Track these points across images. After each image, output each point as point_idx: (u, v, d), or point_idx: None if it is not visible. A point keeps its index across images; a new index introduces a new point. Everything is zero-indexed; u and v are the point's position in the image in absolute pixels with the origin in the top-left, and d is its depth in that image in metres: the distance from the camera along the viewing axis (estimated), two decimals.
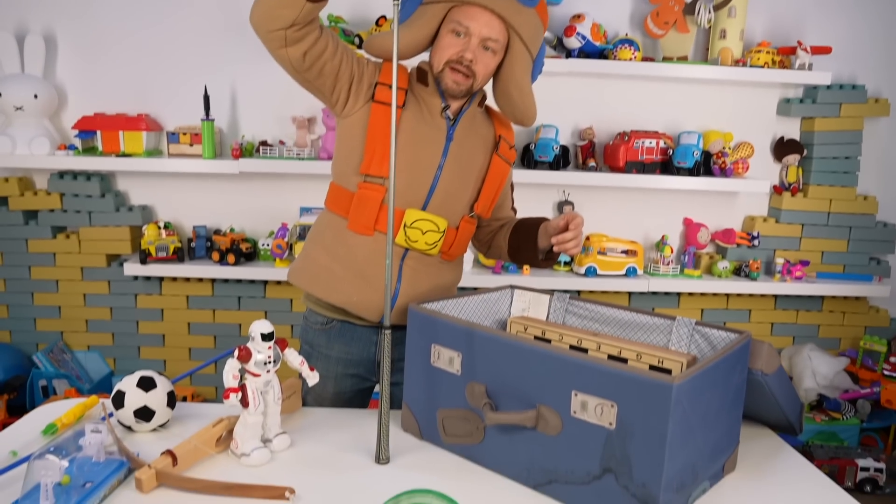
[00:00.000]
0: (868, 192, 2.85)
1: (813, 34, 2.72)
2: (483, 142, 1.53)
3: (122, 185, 2.69)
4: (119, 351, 2.73)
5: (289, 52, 1.31)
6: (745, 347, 1.20)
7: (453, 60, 1.39)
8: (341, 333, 1.53)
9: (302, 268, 1.52)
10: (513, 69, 1.44)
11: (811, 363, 2.70)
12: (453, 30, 1.38)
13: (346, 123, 1.45)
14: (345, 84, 1.40)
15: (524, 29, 1.41)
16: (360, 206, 1.43)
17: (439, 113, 1.45)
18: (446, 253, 1.51)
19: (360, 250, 1.44)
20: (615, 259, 2.62)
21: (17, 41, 2.48)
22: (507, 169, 1.58)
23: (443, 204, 1.47)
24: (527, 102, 1.49)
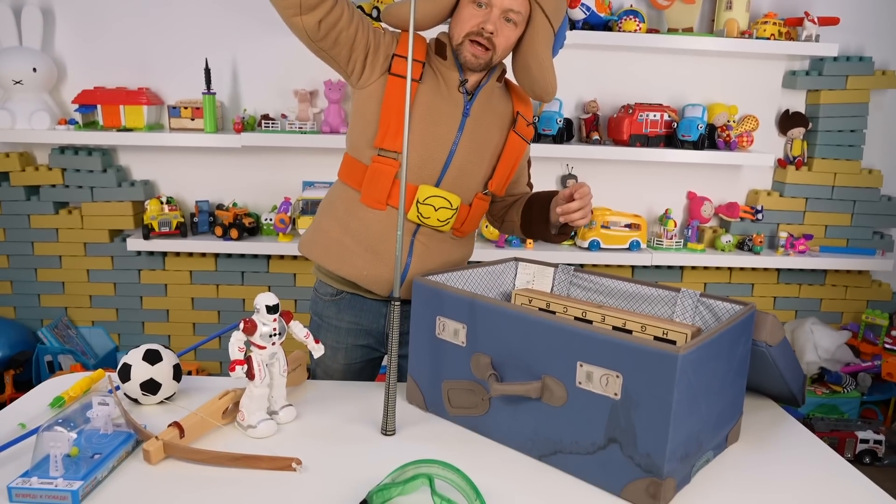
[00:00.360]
0: (873, 165, 2.83)
1: (820, 5, 2.68)
2: (500, 118, 1.50)
3: (124, 159, 2.68)
4: (123, 326, 2.74)
5: (304, 21, 1.29)
6: (749, 319, 1.20)
7: (473, 32, 1.35)
8: (351, 305, 1.53)
9: (313, 240, 1.51)
10: (534, 42, 1.40)
11: (813, 337, 2.71)
12: (474, 0, 1.35)
13: (361, 95, 1.43)
14: (360, 54, 1.38)
15: (547, 0, 1.37)
16: (373, 179, 1.41)
17: (457, 87, 1.42)
18: (458, 230, 1.50)
19: (373, 224, 1.43)
20: (619, 233, 2.62)
21: (13, 13, 2.46)
22: (524, 146, 1.55)
23: (456, 181, 1.44)
24: (547, 77, 1.44)
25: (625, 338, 1.02)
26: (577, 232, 2.67)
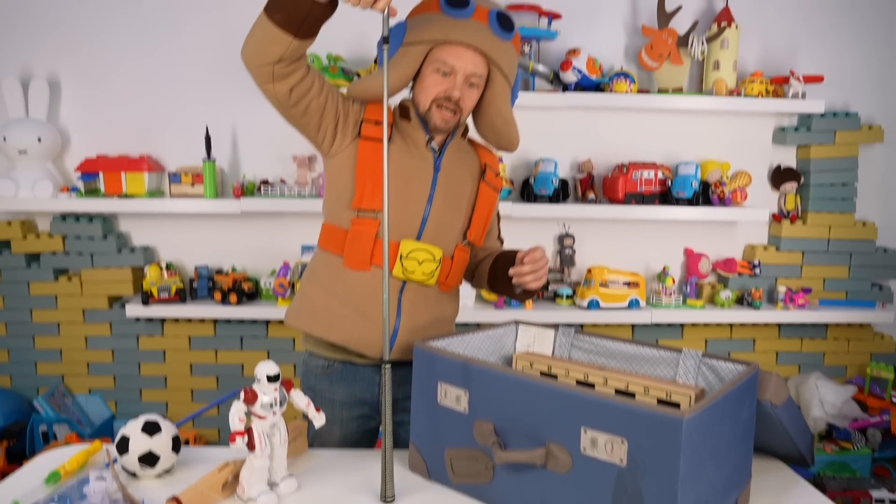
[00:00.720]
0: (867, 217, 2.86)
1: (804, 63, 2.76)
2: (470, 170, 1.57)
3: (125, 226, 2.70)
4: (120, 394, 2.70)
5: (276, 88, 1.34)
6: (753, 379, 1.19)
7: (440, 98, 1.42)
8: (343, 376, 1.53)
9: (299, 309, 1.53)
10: (495, 100, 1.48)
11: (818, 392, 2.68)
12: (437, 69, 1.41)
13: (334, 162, 1.48)
14: (330, 122, 1.43)
15: (503, 61, 1.44)
16: (354, 241, 1.44)
17: (424, 146, 1.49)
18: (444, 283, 1.53)
19: (359, 286, 1.45)
20: (617, 291, 2.62)
21: (22, 86, 2.52)
22: (495, 196, 1.61)
23: (436, 233, 1.49)
24: (510, 130, 1.53)
25: (628, 402, 1.01)
26: (575, 291, 2.67)
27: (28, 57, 2.59)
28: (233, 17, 2.57)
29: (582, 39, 2.63)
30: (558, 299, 2.68)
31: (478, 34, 1.39)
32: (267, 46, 1.28)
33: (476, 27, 1.39)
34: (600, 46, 2.67)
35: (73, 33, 2.58)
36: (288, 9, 1.24)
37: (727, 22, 2.58)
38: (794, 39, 2.77)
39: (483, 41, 1.40)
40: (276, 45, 1.27)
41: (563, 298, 2.67)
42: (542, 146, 2.71)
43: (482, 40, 1.40)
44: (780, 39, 2.76)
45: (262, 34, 1.28)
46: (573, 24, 2.64)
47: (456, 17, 1.38)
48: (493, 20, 1.40)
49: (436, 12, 1.40)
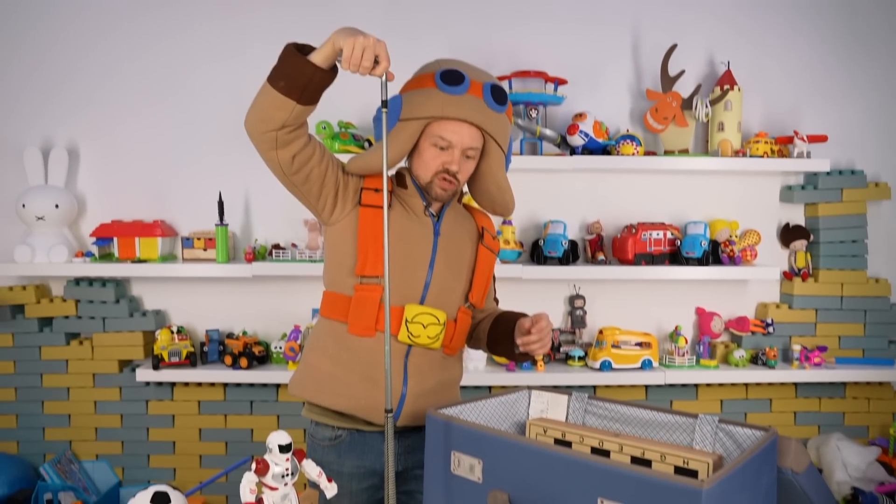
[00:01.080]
0: (879, 274, 2.84)
1: (808, 123, 2.80)
2: (468, 234, 1.61)
3: (137, 290, 2.72)
4: (128, 460, 2.67)
5: (279, 155, 1.38)
6: (772, 445, 1.17)
7: (440, 171, 1.47)
8: (351, 446, 1.51)
9: (304, 378, 1.53)
10: (491, 169, 1.53)
11: (840, 454, 2.61)
12: (435, 144, 1.45)
13: (335, 230, 1.51)
14: (331, 190, 1.47)
15: (498, 132, 1.49)
16: (358, 308, 1.46)
17: (423, 212, 1.52)
18: (448, 346, 1.53)
19: (364, 352, 1.45)
20: (630, 352, 2.60)
21: (42, 154, 2.59)
22: (493, 258, 1.64)
23: (439, 297, 1.50)
24: (506, 197, 1.57)
25: (645, 472, 0.99)
26: (587, 353, 2.65)
27: (50, 127, 2.67)
28: (245, 87, 2.59)
29: (588, 104, 2.69)
30: (570, 361, 2.65)
31: (474, 109, 1.43)
32: (271, 113, 1.33)
33: (472, 102, 1.43)
34: (606, 110, 2.73)
35: (92, 104, 2.67)
36: (291, 76, 1.30)
37: (730, 84, 2.63)
38: (796, 100, 2.81)
39: (479, 116, 1.44)
40: (280, 112, 1.32)
41: (575, 360, 2.64)
42: (550, 208, 2.74)
43: (478, 115, 1.44)
44: (782, 100, 2.81)
45: (266, 101, 1.33)
46: (579, 89, 2.71)
47: (451, 94, 1.42)
48: (487, 94, 1.45)
49: (431, 88, 1.44)
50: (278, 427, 2.63)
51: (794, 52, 2.80)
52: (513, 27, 2.71)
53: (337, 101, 2.68)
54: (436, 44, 2.67)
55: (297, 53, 1.31)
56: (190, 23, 2.67)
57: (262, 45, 2.64)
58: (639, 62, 2.76)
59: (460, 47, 2.68)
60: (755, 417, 2.78)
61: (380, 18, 2.69)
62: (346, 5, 2.68)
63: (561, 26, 2.73)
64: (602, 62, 2.75)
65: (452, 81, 1.43)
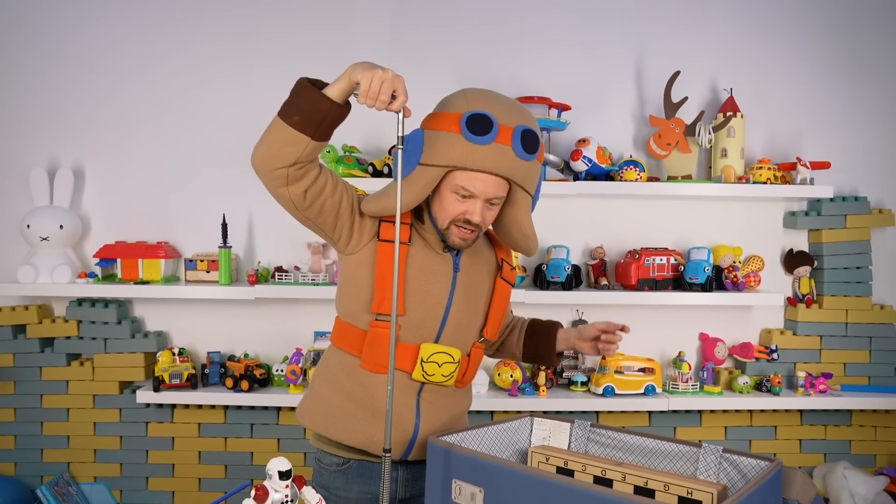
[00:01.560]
0: (884, 301, 2.83)
1: (811, 149, 2.81)
2: (487, 266, 1.56)
3: (139, 311, 2.72)
4: (126, 482, 2.65)
5: (290, 191, 1.33)
6: (777, 476, 1.16)
7: (459, 220, 1.40)
8: (359, 473, 1.48)
9: (316, 410, 1.49)
10: (516, 215, 1.45)
11: (847, 483, 2.58)
12: (456, 192, 1.37)
13: (351, 261, 1.46)
14: (346, 221, 1.41)
15: (526, 179, 1.41)
16: (373, 344, 1.42)
17: (442, 248, 1.48)
18: (460, 381, 1.51)
19: (378, 389, 1.42)
20: (633, 378, 2.58)
21: (48, 175, 2.60)
22: (509, 290, 1.60)
23: (455, 334, 1.47)
24: (529, 243, 1.49)
25: (648, 502, 0.98)
26: (590, 378, 2.63)
27: (55, 148, 2.69)
28: (250, 109, 2.67)
29: (591, 129, 2.70)
30: (573, 386, 2.63)
31: (501, 160, 1.33)
32: (284, 148, 1.28)
33: (499, 152, 1.33)
34: (609, 136, 2.74)
35: (98, 125, 2.69)
36: (305, 111, 1.26)
37: (732, 111, 2.64)
38: (799, 126, 2.83)
39: (505, 167, 1.34)
40: (293, 148, 1.28)
41: (578, 385, 2.62)
42: (554, 233, 2.74)
43: (504, 167, 1.34)
44: (785, 127, 2.82)
45: (278, 137, 1.28)
46: (583, 115, 2.72)
47: (477, 143, 1.32)
48: (517, 142, 1.34)
49: (456, 133, 1.33)
50: (279, 450, 2.61)
51: (796, 78, 2.82)
52: (517, 52, 2.74)
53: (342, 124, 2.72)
54: (440, 69, 2.70)
55: (311, 87, 1.26)
56: (195, 44, 2.70)
57: (268, 67, 2.68)
58: (642, 88, 2.78)
59: (465, 72, 2.71)
60: (760, 445, 2.74)
61: (385, 44, 2.71)
62: (351, 30, 2.71)
63: (565, 52, 2.75)
64: (605, 88, 2.77)
65: (479, 130, 1.31)
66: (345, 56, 2.71)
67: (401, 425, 1.41)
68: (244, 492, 1.15)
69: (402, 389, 1.42)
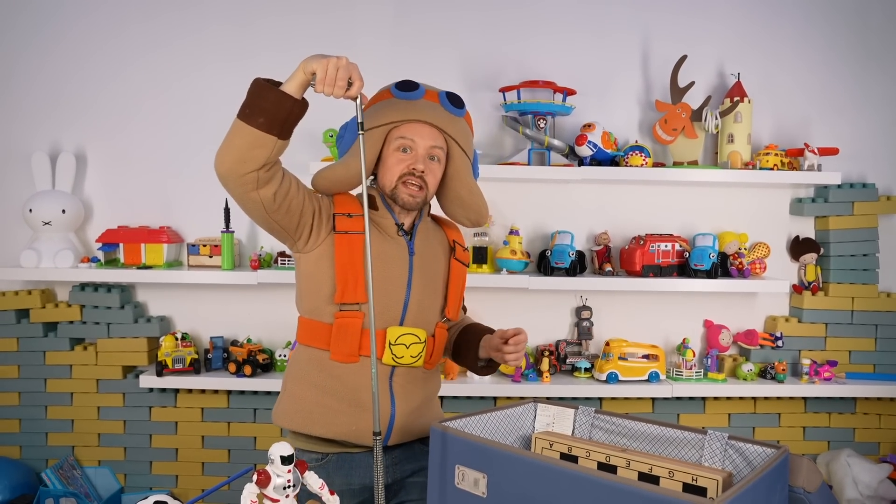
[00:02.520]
0: (890, 289, 2.81)
1: (819, 135, 2.78)
2: (441, 248, 1.61)
3: (142, 296, 2.71)
4: (130, 466, 2.66)
5: (260, 194, 1.35)
6: (783, 464, 1.14)
7: (405, 174, 1.46)
8: (339, 466, 1.50)
9: (292, 409, 1.50)
10: (458, 173, 1.53)
11: (851, 471, 2.57)
12: (399, 147, 1.46)
13: (310, 258, 1.48)
14: (308, 219, 1.44)
15: (460, 136, 1.51)
16: (340, 335, 1.44)
17: (396, 232, 1.51)
18: (428, 362, 1.54)
19: (350, 378, 1.45)
20: (636, 364, 2.57)
21: (50, 160, 2.59)
22: (465, 271, 1.64)
23: (418, 316, 1.50)
24: (477, 201, 1.57)
25: (653, 489, 0.97)
26: (594, 364, 2.62)
27: (57, 132, 2.68)
28: None
29: (597, 114, 2.68)
30: (576, 373, 2.63)
31: (431, 111, 1.47)
32: (251, 152, 1.29)
33: (429, 105, 1.47)
34: (615, 121, 2.72)
35: (100, 109, 2.67)
36: (269, 110, 1.28)
37: (740, 96, 2.61)
38: (807, 112, 2.79)
39: (437, 117, 1.47)
40: (261, 150, 1.29)
41: (582, 372, 2.62)
42: (558, 219, 2.72)
43: (436, 117, 1.47)
44: (793, 112, 2.79)
45: (244, 141, 1.29)
46: (588, 100, 2.70)
47: (408, 99, 1.46)
48: (443, 99, 1.49)
49: (388, 98, 1.48)
50: (281, 435, 2.62)
51: (804, 63, 2.78)
52: (522, 37, 2.71)
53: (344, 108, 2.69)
54: (445, 53, 2.67)
55: (272, 87, 1.28)
56: (198, 28, 2.67)
57: (270, 51, 2.66)
58: (648, 73, 2.75)
59: (469, 57, 2.68)
60: (763, 432, 2.74)
61: (389, 28, 2.69)
62: (355, 14, 2.68)
63: (570, 37, 2.72)
64: (611, 73, 2.74)
65: (407, 88, 1.47)
66: (348, 40, 2.71)
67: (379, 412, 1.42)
68: (246, 476, 1.14)
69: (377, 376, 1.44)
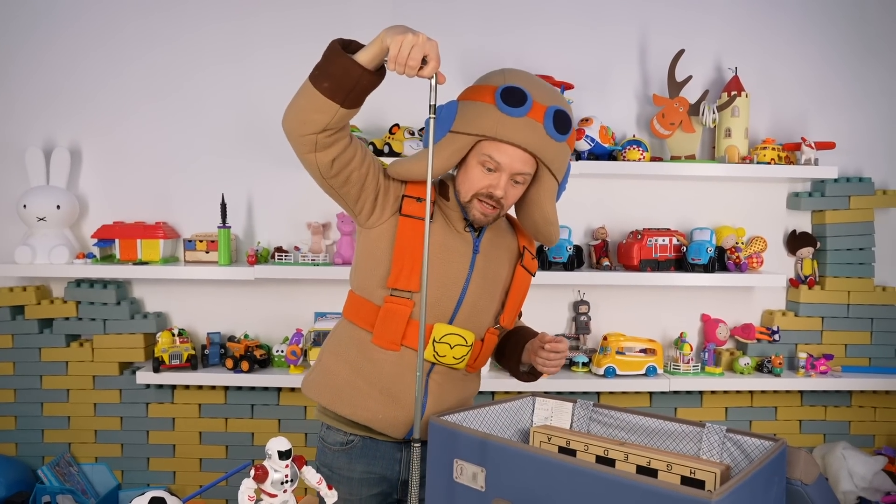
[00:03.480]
0: (886, 282, 2.82)
1: (815, 130, 2.78)
2: (508, 253, 1.53)
3: (138, 292, 2.70)
4: (127, 463, 2.65)
5: (318, 158, 1.31)
6: (781, 456, 1.15)
7: (483, 194, 1.38)
8: (363, 452, 1.47)
9: (322, 383, 1.47)
10: (539, 198, 1.42)
11: (846, 463, 2.58)
12: (483, 163, 1.36)
13: (370, 235, 1.43)
14: (370, 194, 1.39)
15: (555, 162, 1.39)
16: (386, 320, 1.39)
17: (463, 227, 1.45)
18: (471, 366, 1.49)
19: (387, 366, 1.40)
20: (634, 358, 2.57)
21: (44, 155, 2.57)
22: (529, 279, 1.56)
23: (469, 317, 1.44)
24: (551, 230, 1.47)
25: (651, 482, 0.97)
26: (591, 359, 2.62)
27: (52, 127, 2.66)
28: (249, 87, 2.64)
29: (594, 108, 2.67)
30: (574, 367, 2.63)
31: (530, 135, 1.33)
32: (312, 115, 1.25)
33: (530, 126, 1.32)
34: (612, 115, 2.71)
35: (95, 104, 2.66)
36: (336, 77, 1.22)
37: (737, 90, 2.61)
38: (804, 107, 2.80)
39: (535, 143, 1.33)
40: (322, 115, 1.24)
41: (579, 366, 2.62)
42: None
43: (534, 142, 1.33)
44: (790, 107, 2.79)
45: (307, 102, 1.25)
46: (586, 94, 2.69)
47: (510, 115, 1.31)
48: (549, 120, 1.33)
49: (489, 104, 1.33)
50: (279, 431, 2.62)
51: (802, 58, 2.78)
52: (519, 31, 2.70)
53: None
54: (442, 47, 2.61)
55: (343, 52, 1.22)
56: (194, 24, 2.65)
57: (267, 47, 2.65)
58: (646, 67, 2.74)
59: (466, 50, 2.67)
60: (760, 425, 2.75)
61: (386, 21, 2.65)
62: (352, 9, 2.67)
63: (568, 30, 2.71)
64: (609, 67, 2.73)
65: (513, 102, 1.32)
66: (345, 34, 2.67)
67: (407, 405, 1.39)
68: (244, 472, 1.14)
69: (412, 368, 1.39)
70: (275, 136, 2.64)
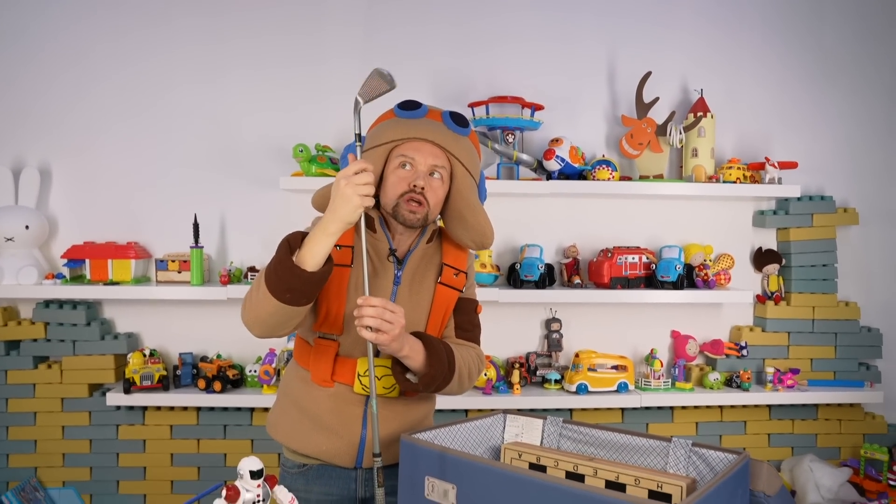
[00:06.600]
0: (849, 297, 2.90)
1: (779, 150, 2.87)
2: (433, 274, 1.54)
3: (109, 312, 2.67)
4: (96, 486, 2.60)
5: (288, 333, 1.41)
6: (744, 468, 1.18)
7: (406, 192, 1.43)
8: (319, 474, 1.52)
9: (277, 422, 1.56)
10: (461, 192, 1.48)
11: (813, 475, 2.63)
12: (400, 164, 1.44)
13: None
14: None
15: (463, 155, 1.48)
16: (317, 359, 1.48)
17: (386, 258, 1.48)
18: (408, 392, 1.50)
19: (323, 402, 1.47)
20: (605, 375, 2.60)
21: (13, 175, 2.55)
22: (453, 296, 1.54)
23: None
24: (481, 221, 1.50)
25: (620, 496, 0.99)
26: (563, 376, 2.65)
27: (21, 146, 2.64)
28: (221, 108, 2.66)
29: (564, 129, 2.73)
30: (546, 384, 2.65)
31: (434, 129, 1.45)
32: (283, 321, 1.34)
33: (431, 124, 1.45)
34: (582, 135, 2.77)
35: (65, 124, 2.64)
36: (296, 288, 1.28)
37: (703, 112, 2.69)
38: (767, 127, 2.88)
39: (439, 136, 1.45)
40: (294, 318, 1.34)
41: (552, 383, 2.64)
42: (527, 232, 2.76)
43: (438, 135, 1.45)
44: (754, 128, 2.88)
45: (275, 314, 1.32)
46: (555, 115, 2.74)
47: (410, 118, 1.45)
48: (446, 118, 1.47)
49: (391, 119, 1.47)
50: (252, 451, 2.59)
51: (764, 81, 2.87)
52: (490, 53, 2.75)
53: (314, 124, 2.71)
54: (414, 70, 2.70)
55: (296, 266, 1.27)
56: (166, 45, 2.66)
57: (240, 69, 2.67)
58: (614, 89, 2.81)
59: (438, 72, 2.71)
60: (730, 440, 2.79)
61: (359, 46, 2.71)
62: (325, 33, 2.70)
63: (538, 53, 2.77)
64: (578, 88, 2.79)
65: (410, 107, 1.47)
66: (318, 59, 2.72)
67: (346, 436, 1.46)
68: (216, 492, 1.14)
69: (347, 401, 1.46)
70: (247, 157, 2.67)
